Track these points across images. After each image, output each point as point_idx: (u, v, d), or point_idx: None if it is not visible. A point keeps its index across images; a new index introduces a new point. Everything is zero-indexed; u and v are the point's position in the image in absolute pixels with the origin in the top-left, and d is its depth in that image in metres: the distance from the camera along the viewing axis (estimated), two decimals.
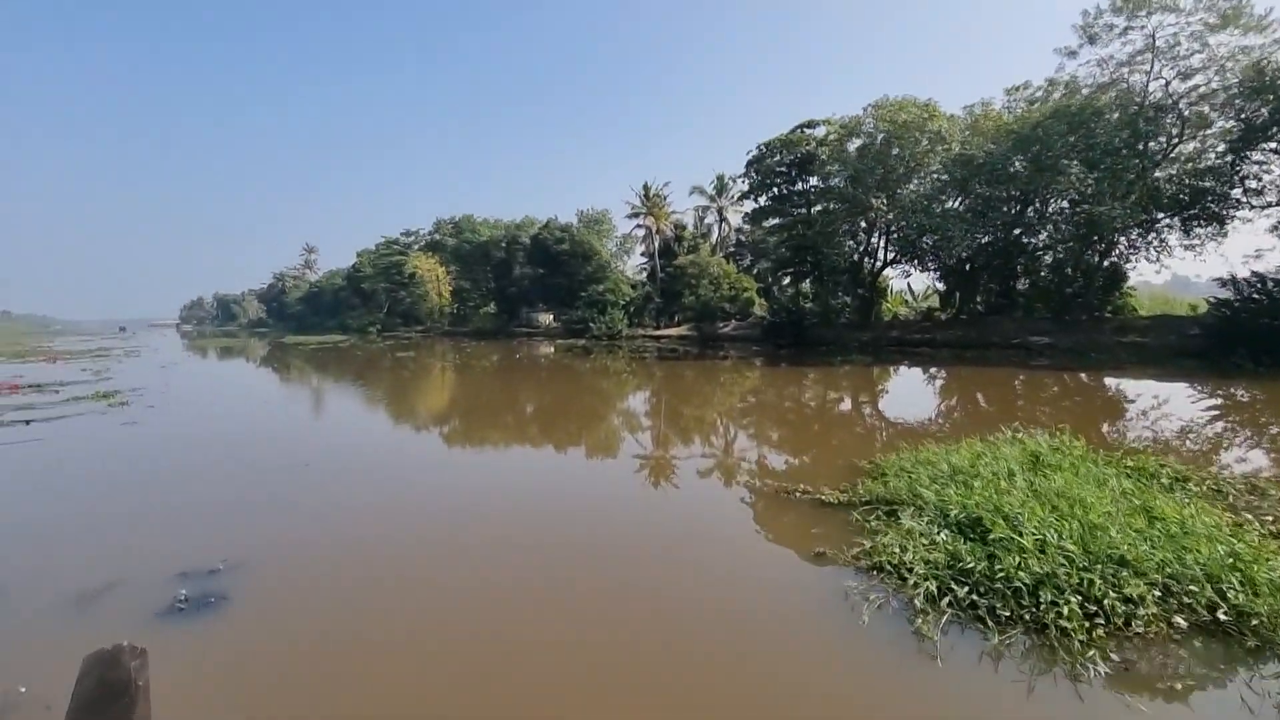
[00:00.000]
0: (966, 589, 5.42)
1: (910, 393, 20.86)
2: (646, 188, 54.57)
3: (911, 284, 44.07)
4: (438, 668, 4.80)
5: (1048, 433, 9.94)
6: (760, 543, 7.25)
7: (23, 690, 4.43)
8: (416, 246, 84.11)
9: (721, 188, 56.36)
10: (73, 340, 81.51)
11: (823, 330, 36.66)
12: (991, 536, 5.96)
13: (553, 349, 44.08)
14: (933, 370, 24.45)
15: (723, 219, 57.77)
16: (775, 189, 39.77)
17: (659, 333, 49.38)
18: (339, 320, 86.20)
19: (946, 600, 5.33)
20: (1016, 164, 29.40)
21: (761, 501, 8.68)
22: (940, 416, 15.28)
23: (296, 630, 5.36)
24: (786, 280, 46.99)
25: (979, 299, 36.60)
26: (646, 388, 24.05)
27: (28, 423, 15.51)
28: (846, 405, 18.05)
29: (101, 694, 1.06)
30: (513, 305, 67.06)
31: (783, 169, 38.62)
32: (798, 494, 8.41)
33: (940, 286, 39.71)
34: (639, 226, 57.98)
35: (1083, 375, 20.74)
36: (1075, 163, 27.19)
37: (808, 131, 37.23)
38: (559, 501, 9.17)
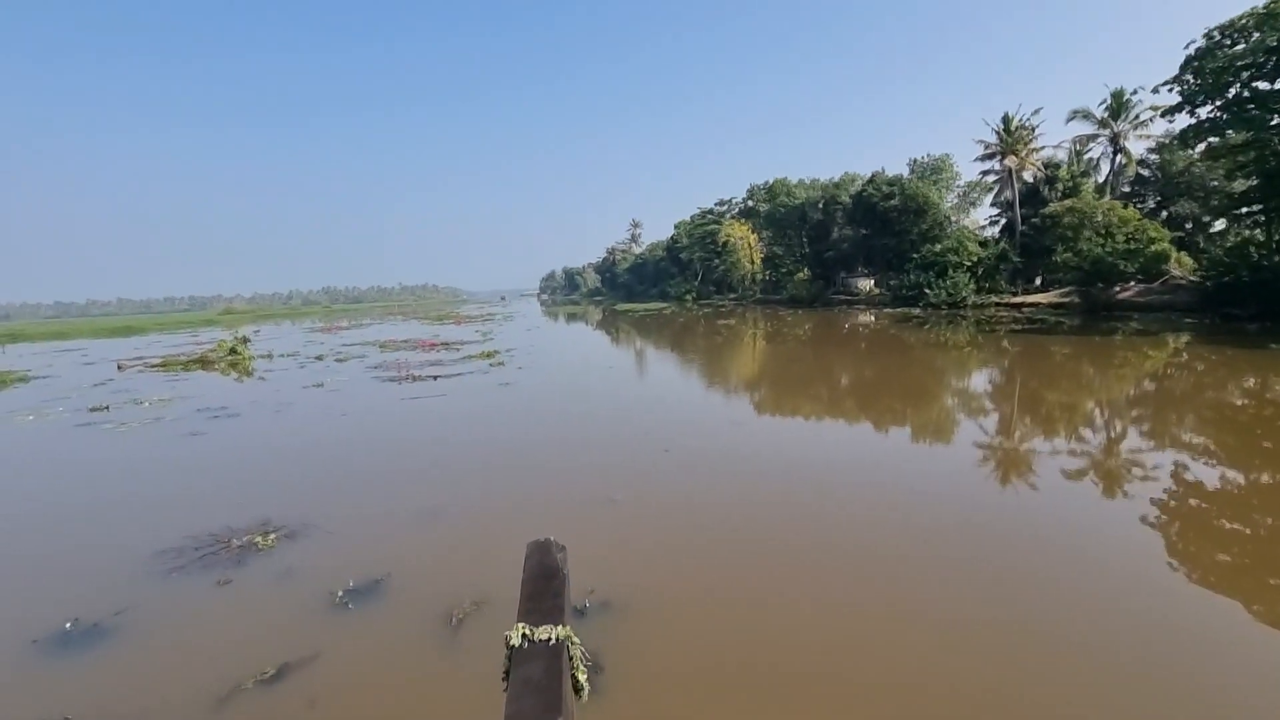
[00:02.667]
0: None
1: None
2: (1007, 119, 44.27)
3: None
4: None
5: None
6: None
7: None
8: (729, 215, 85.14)
9: (1119, 108, 42.57)
10: (471, 307, 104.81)
11: None
12: None
13: (873, 318, 39.15)
14: None
15: (1118, 149, 43.82)
16: (1231, 92, 27.63)
17: (1020, 300, 40.04)
18: (660, 288, 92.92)
19: None
20: None
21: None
22: None
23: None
24: (1233, 224, 33.08)
25: None
26: (1001, 365, 18.55)
27: (435, 378, 18.35)
28: None
29: (543, 571, 1.47)
30: (829, 271, 62.67)
31: (1249, 60, 26.43)
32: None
33: None
34: (990, 172, 47.86)
35: None
36: None
37: None
38: (875, 489, 7.83)
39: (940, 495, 7.51)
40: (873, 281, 59.12)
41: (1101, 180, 45.20)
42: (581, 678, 1.36)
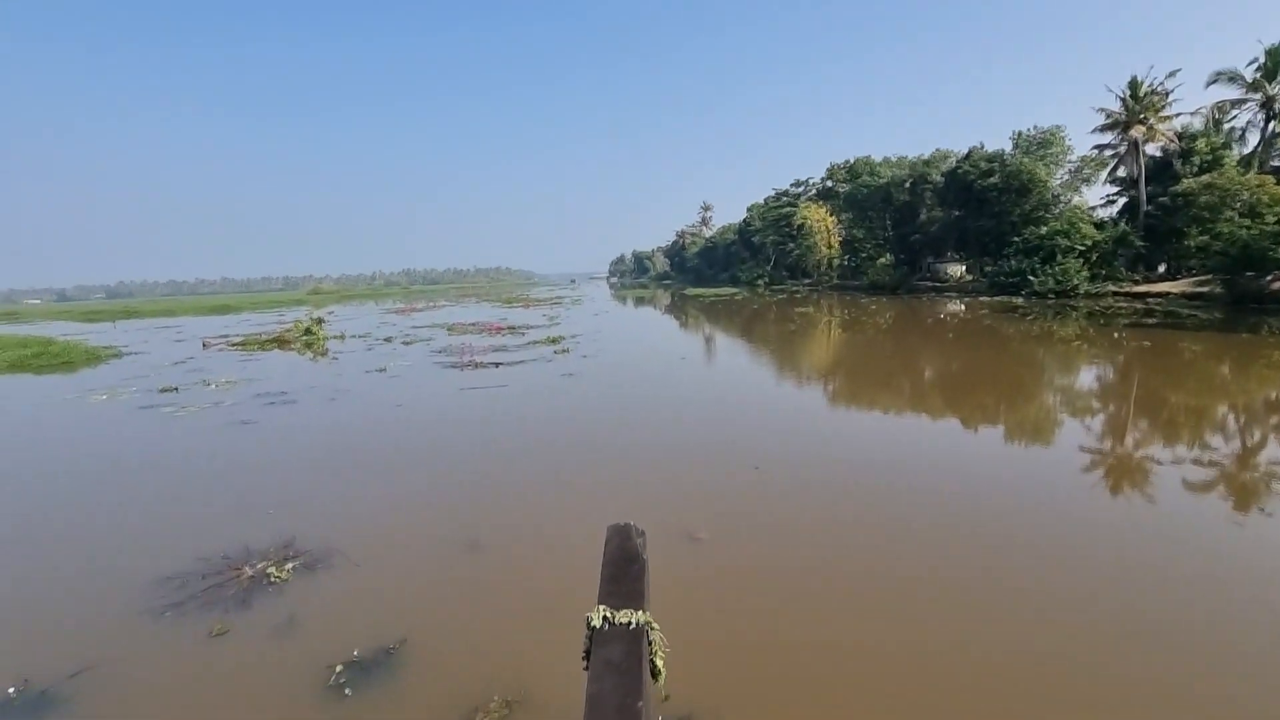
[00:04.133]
0: None
1: None
2: (1134, 84, 39.07)
3: None
4: None
5: None
6: None
7: None
8: (806, 196, 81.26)
9: (1276, 68, 36.68)
10: (541, 290, 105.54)
11: None
12: None
13: (963, 307, 35.74)
14: None
15: (1271, 116, 37.86)
16: None
17: (1143, 289, 35.52)
18: (730, 273, 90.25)
19: None
20: None
21: None
22: None
23: None
24: None
25: None
26: (1116, 361, 15.78)
27: (496, 366, 17.45)
28: None
29: (623, 555, 1.53)
30: (915, 255, 58.55)
31: None
32: None
33: None
34: (1107, 146, 42.59)
35: None
36: None
37: None
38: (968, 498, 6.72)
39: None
40: (964, 267, 54.68)
41: (1247, 152, 39.36)
42: (659, 663, 1.39)
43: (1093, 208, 47.10)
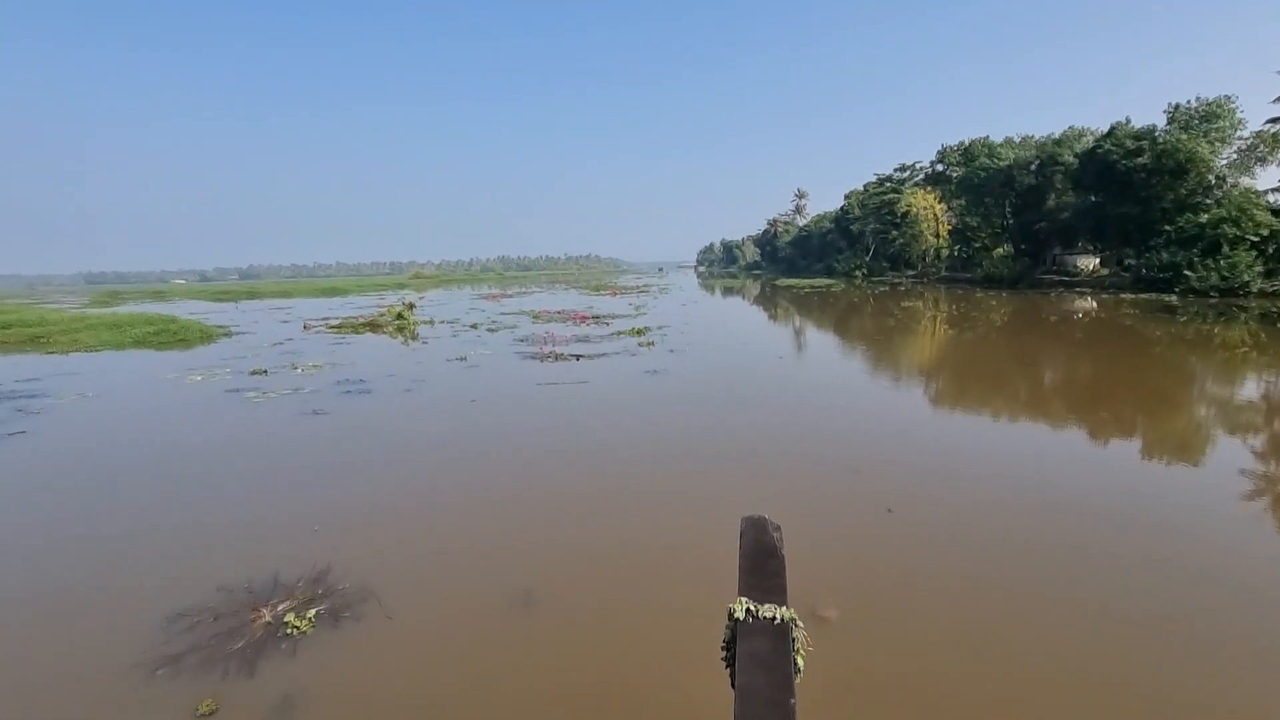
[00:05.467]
0: None
1: None
2: None
3: None
4: None
5: None
6: None
7: None
8: (912, 182, 75.63)
9: None
10: (629, 278, 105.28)
11: None
12: None
13: (1094, 304, 31.33)
14: None
15: None
16: None
17: None
18: (825, 263, 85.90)
19: None
20: None
21: None
22: None
23: None
24: None
25: None
26: None
27: (578, 358, 16.45)
28: None
29: (760, 549, 1.50)
30: (1039, 246, 52.83)
31: None
32: None
33: None
34: None
35: None
36: None
37: None
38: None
39: None
40: (1098, 260, 48.67)
41: None
42: (800, 661, 1.38)
43: (1267, 191, 40.19)
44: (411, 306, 30.71)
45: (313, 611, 4.68)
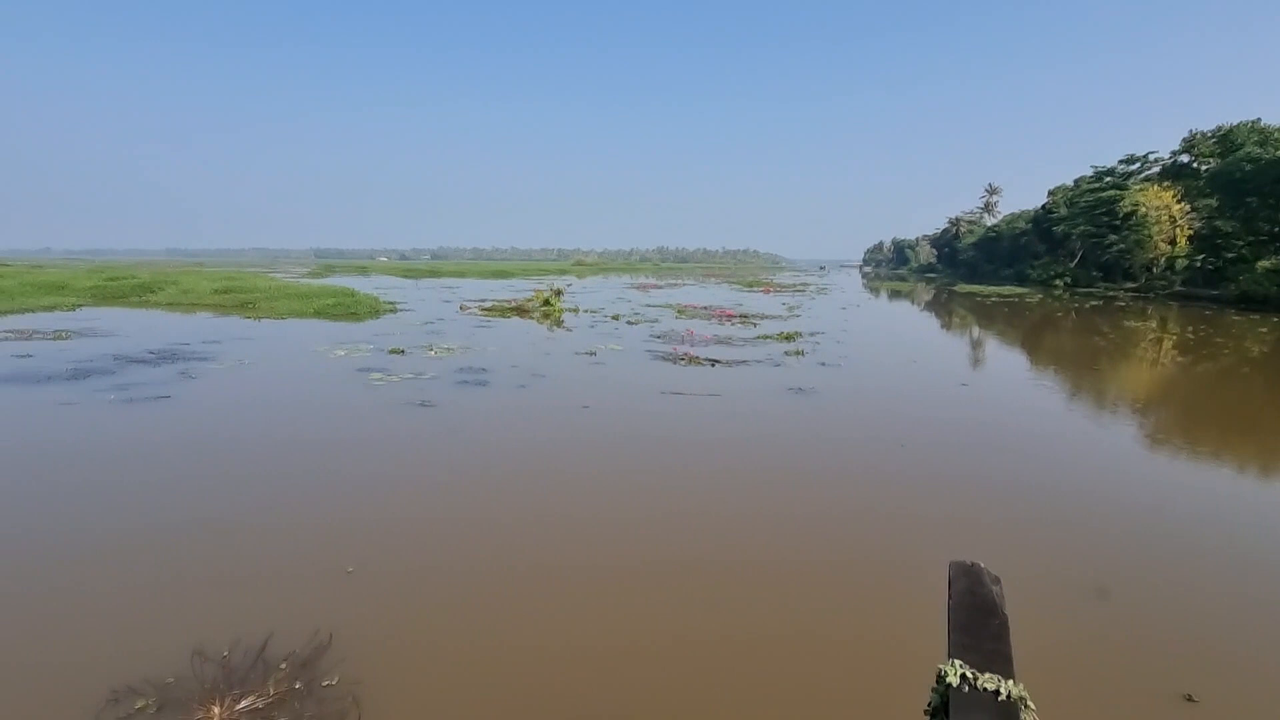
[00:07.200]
0: None
1: None
2: None
3: None
4: None
5: None
6: None
7: None
8: (1142, 176, 63.10)
9: None
10: (786, 275, 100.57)
11: None
12: None
13: None
14: None
15: None
16: None
17: None
18: (1016, 269, 75.19)
19: None
20: None
21: None
22: None
23: None
24: None
25: None
26: None
27: (714, 364, 14.57)
28: None
29: (975, 603, 1.27)
30: None
31: None
32: None
33: None
34: None
35: None
36: None
37: None
38: None
39: None
40: None
41: None
42: None
43: None
44: (559, 293, 30.71)
45: None
